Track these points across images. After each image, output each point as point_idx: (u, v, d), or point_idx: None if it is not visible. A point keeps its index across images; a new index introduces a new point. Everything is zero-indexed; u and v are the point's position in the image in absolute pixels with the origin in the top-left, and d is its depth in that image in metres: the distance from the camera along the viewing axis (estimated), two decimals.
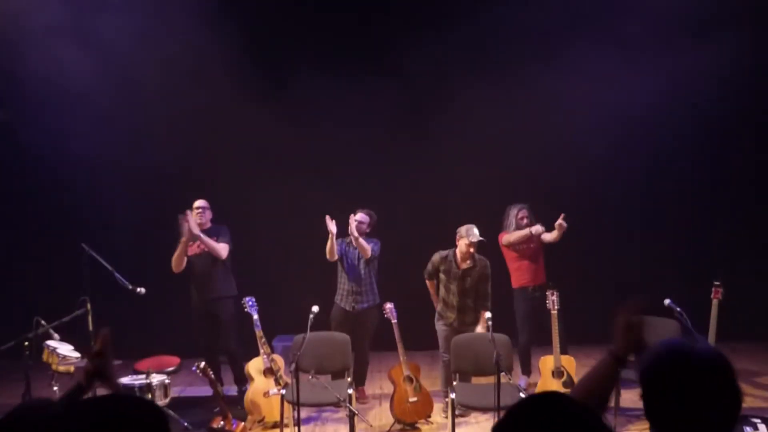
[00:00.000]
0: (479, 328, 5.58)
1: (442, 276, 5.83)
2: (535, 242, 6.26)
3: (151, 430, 1.07)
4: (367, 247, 6.00)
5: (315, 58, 7.34)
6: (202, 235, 5.91)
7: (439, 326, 5.87)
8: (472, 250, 5.66)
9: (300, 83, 7.27)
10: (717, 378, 1.46)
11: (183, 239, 5.90)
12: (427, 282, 6.03)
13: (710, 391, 1.44)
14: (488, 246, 5.98)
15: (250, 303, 5.64)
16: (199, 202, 6.12)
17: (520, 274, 6.32)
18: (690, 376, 1.45)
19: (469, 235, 5.63)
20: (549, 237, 6.19)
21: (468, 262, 5.74)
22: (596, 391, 1.76)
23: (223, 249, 6.01)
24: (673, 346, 1.52)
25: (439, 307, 5.91)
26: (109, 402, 1.09)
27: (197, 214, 6.05)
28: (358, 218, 6.08)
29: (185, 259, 6.01)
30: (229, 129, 7.23)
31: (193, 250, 6.06)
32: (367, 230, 6.14)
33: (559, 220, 6.07)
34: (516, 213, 6.27)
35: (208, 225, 6.10)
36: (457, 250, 5.75)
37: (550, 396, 1.04)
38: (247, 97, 6.99)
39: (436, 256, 5.85)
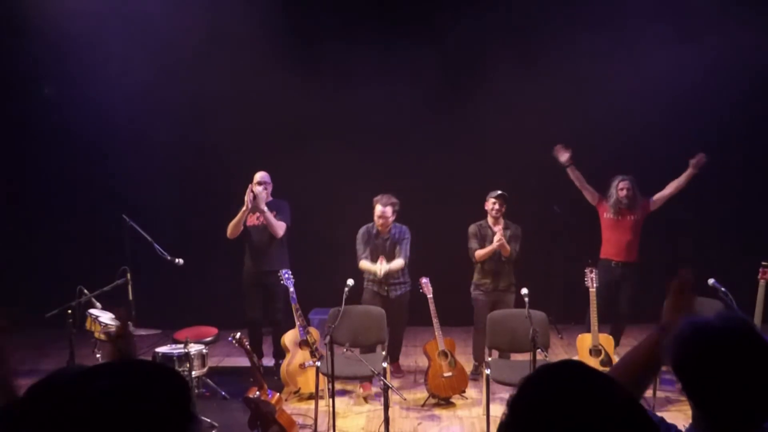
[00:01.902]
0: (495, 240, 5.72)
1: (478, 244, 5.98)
2: (637, 215, 6.09)
3: (174, 397, 1.05)
4: (401, 263, 5.87)
5: (351, 28, 7.25)
6: (266, 211, 5.91)
7: (476, 295, 6.02)
8: (497, 206, 5.83)
9: (337, 54, 7.22)
10: (752, 349, 1.41)
11: (243, 209, 5.90)
12: (479, 252, 5.91)
13: (745, 360, 1.39)
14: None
15: (287, 276, 5.69)
16: (260, 176, 6.07)
17: (607, 245, 6.21)
18: (721, 349, 1.40)
19: (490, 195, 5.89)
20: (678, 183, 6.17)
21: (501, 226, 5.89)
22: (641, 365, 1.69)
23: (280, 228, 6.01)
24: (701, 329, 1.46)
25: (476, 276, 6.03)
26: (134, 367, 1.08)
27: (262, 190, 6.06)
28: (378, 213, 5.82)
29: (241, 228, 6.02)
30: (266, 101, 7.22)
31: (252, 221, 6.09)
32: (394, 217, 5.91)
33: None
34: (616, 184, 6.08)
35: (269, 199, 6.12)
36: (489, 216, 5.93)
37: (566, 363, 1.00)
38: (284, 67, 6.96)
39: (472, 227, 6.03)
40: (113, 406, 0.99)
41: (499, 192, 5.87)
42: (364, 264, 5.91)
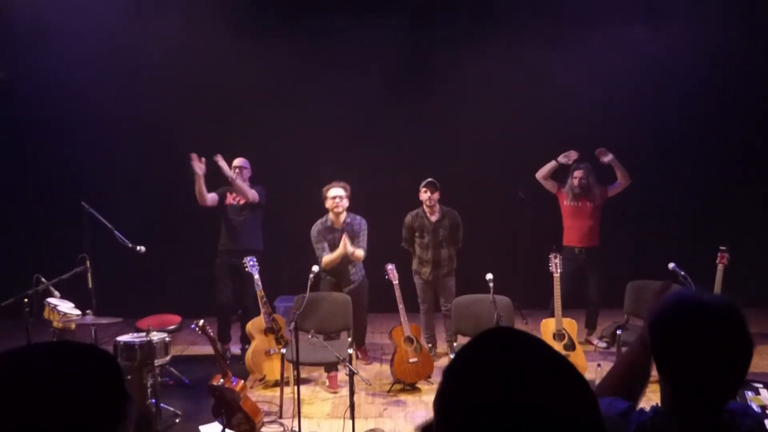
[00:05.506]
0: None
1: (416, 233, 6.08)
2: (595, 201, 6.21)
3: (112, 378, 1.04)
4: (360, 255, 5.78)
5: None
6: (234, 177, 5.90)
7: (416, 280, 6.18)
8: (428, 194, 5.89)
9: (306, 27, 7.17)
10: (729, 327, 1.40)
11: (195, 175, 5.88)
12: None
13: (722, 339, 1.39)
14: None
15: (252, 263, 5.63)
16: (238, 161, 6.09)
17: (569, 233, 6.34)
18: (702, 325, 1.40)
19: (421, 185, 5.95)
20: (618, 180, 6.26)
21: (437, 214, 6.00)
22: (628, 379, 1.68)
23: (252, 193, 6.01)
24: (685, 297, 1.46)
25: (414, 264, 6.15)
26: (70, 349, 1.06)
27: (236, 174, 6.03)
28: (331, 195, 5.67)
29: (206, 194, 5.97)
30: (227, 83, 7.12)
31: (230, 200, 6.12)
32: (347, 203, 5.81)
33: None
34: (572, 171, 6.24)
35: (247, 184, 6.11)
36: (424, 205, 5.99)
37: (499, 329, 1.01)
38: (252, 47, 6.92)
39: (408, 217, 6.10)
40: (58, 389, 0.97)
41: (428, 179, 5.90)
42: (328, 258, 5.74)
